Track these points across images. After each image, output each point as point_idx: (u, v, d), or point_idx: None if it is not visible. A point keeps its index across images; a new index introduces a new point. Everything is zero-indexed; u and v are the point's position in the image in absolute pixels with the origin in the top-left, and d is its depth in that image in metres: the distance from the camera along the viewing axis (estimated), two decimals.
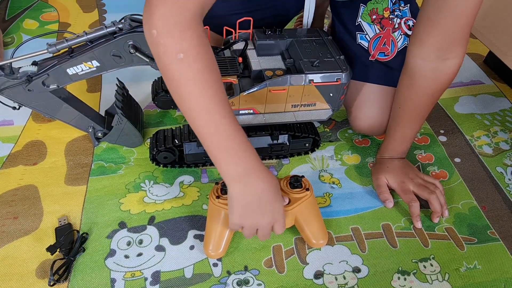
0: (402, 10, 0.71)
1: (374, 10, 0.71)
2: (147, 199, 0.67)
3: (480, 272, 0.59)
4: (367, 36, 0.72)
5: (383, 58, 0.71)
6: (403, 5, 0.71)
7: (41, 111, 0.67)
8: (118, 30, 0.60)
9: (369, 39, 0.71)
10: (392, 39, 0.71)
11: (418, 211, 0.64)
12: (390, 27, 0.71)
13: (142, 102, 0.84)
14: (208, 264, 0.58)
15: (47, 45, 0.60)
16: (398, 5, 0.71)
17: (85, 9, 1.19)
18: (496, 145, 0.79)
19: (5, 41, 1.03)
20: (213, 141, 0.48)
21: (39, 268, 0.57)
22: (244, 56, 0.67)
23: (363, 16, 0.72)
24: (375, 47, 0.71)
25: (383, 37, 0.71)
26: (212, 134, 0.47)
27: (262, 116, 0.66)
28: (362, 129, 0.76)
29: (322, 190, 0.69)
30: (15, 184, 0.68)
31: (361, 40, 0.72)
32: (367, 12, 0.71)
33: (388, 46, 0.71)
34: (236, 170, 0.49)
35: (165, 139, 0.69)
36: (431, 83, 0.61)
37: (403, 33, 0.71)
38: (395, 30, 0.71)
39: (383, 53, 0.71)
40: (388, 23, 0.71)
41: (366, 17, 0.72)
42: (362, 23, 0.72)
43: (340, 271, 0.58)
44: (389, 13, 0.70)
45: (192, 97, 0.45)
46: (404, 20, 0.71)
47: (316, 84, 0.63)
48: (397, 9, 0.71)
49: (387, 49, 0.71)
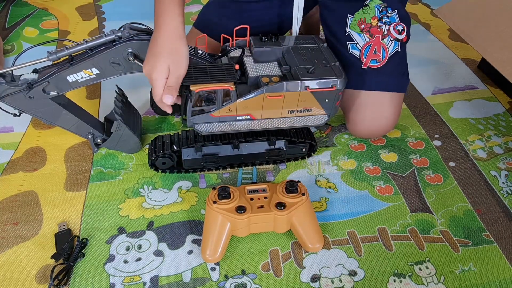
0: (390, 16, 0.73)
1: (362, 20, 0.73)
2: (145, 205, 0.67)
3: (475, 274, 0.59)
4: (358, 45, 0.73)
5: (375, 65, 0.73)
6: (391, 11, 0.73)
7: (41, 117, 0.68)
8: (118, 38, 0.61)
9: (360, 48, 0.73)
10: (382, 45, 0.73)
11: None
12: (379, 34, 0.73)
13: (140, 108, 0.85)
14: (206, 269, 0.59)
15: (48, 53, 0.61)
16: (385, 12, 0.73)
17: (85, 17, 1.21)
18: (490, 149, 0.80)
19: (6, 49, 1.04)
20: None
21: (39, 273, 0.58)
22: (241, 63, 0.68)
23: (351, 26, 0.74)
24: (367, 55, 0.73)
25: (373, 45, 0.73)
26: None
27: (259, 122, 0.67)
28: (359, 133, 0.78)
29: (318, 195, 0.70)
30: (15, 190, 0.69)
31: (353, 49, 0.74)
32: (355, 22, 0.73)
33: (379, 53, 0.73)
34: (164, 19, 0.59)
35: (164, 145, 0.70)
36: None
37: (393, 38, 0.73)
38: (384, 37, 0.73)
39: (375, 60, 0.73)
40: (376, 31, 0.73)
41: (355, 27, 0.74)
42: (352, 33, 0.74)
43: (337, 275, 0.59)
44: (377, 21, 0.73)
45: None
46: (393, 26, 0.73)
47: (312, 90, 0.64)
48: (384, 16, 0.73)
49: (378, 56, 0.73)
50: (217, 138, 0.69)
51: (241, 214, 0.58)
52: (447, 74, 1.01)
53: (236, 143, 0.70)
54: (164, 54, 0.58)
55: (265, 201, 0.61)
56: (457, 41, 1.13)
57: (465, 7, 0.90)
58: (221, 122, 0.66)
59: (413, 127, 0.85)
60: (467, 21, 0.87)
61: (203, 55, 0.67)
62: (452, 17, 0.90)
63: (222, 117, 0.65)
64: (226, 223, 0.59)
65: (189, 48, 0.65)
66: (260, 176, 0.73)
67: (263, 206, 0.60)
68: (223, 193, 0.60)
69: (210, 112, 0.64)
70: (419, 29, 1.19)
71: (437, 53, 1.09)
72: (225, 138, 0.69)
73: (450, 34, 1.16)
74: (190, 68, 0.63)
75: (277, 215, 0.60)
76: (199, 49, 0.67)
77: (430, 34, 1.17)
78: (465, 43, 1.09)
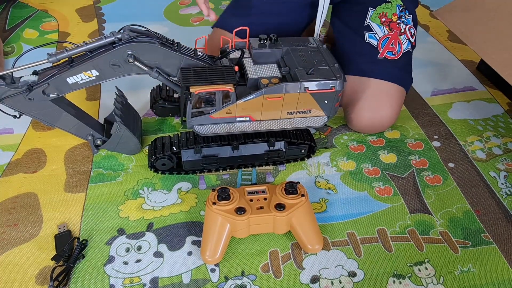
0: (407, 18, 0.79)
1: (383, 14, 0.78)
2: (145, 206, 0.68)
3: (474, 275, 0.59)
4: (377, 36, 0.77)
5: (391, 57, 0.77)
6: (408, 14, 0.79)
7: (41, 119, 0.68)
8: (117, 40, 0.61)
9: (378, 38, 0.77)
10: (398, 41, 0.77)
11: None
12: (397, 30, 0.77)
13: (140, 110, 0.85)
14: (205, 270, 0.59)
15: (48, 55, 0.61)
16: (404, 13, 0.79)
17: (85, 19, 1.21)
18: (489, 150, 0.80)
19: (6, 51, 1.05)
20: None
21: (38, 274, 0.58)
22: (241, 65, 0.69)
23: (372, 18, 0.78)
24: (384, 46, 0.76)
25: (391, 38, 0.77)
26: None
27: (258, 123, 0.67)
28: (360, 123, 0.79)
29: (318, 196, 0.70)
30: (15, 191, 0.69)
31: (370, 38, 0.78)
32: (376, 15, 0.78)
33: (395, 47, 0.77)
34: None
35: (163, 146, 0.70)
36: None
37: (407, 38, 0.78)
38: (401, 34, 0.77)
39: (391, 52, 0.77)
40: (396, 27, 0.77)
41: (375, 19, 0.78)
42: (371, 23, 0.78)
43: (336, 276, 0.59)
44: (397, 18, 0.78)
45: None
46: (409, 27, 0.79)
47: (311, 91, 0.65)
48: (403, 16, 0.79)
49: (394, 49, 0.77)
50: (217, 139, 0.69)
51: (240, 215, 0.59)
52: (446, 75, 1.02)
53: (236, 145, 0.70)
54: None
55: (264, 202, 0.61)
56: (456, 42, 1.13)
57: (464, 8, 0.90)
58: (221, 123, 0.66)
59: (412, 128, 0.85)
60: (466, 23, 0.87)
61: (203, 56, 0.67)
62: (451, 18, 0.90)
63: (222, 118, 0.65)
64: (226, 224, 0.59)
65: (189, 50, 0.65)
66: (259, 177, 0.74)
67: (262, 207, 0.60)
68: (222, 194, 0.60)
69: (209, 113, 0.64)
70: (418, 31, 1.19)
71: (436, 55, 1.09)
72: (224, 139, 0.69)
73: (449, 36, 1.17)
74: (190, 70, 0.63)
75: (276, 216, 0.60)
76: (198, 50, 0.67)
77: (429, 35, 1.18)
78: (464, 45, 1.09)
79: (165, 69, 0.65)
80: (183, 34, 1.14)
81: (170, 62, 0.64)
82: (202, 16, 1.23)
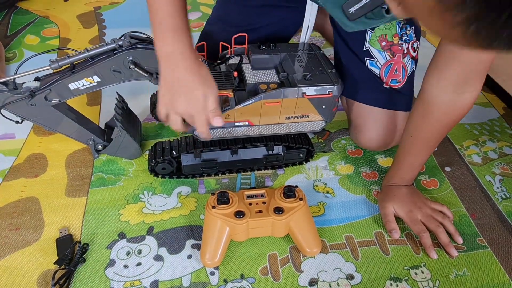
0: (409, 33, 0.71)
1: (383, 37, 0.70)
2: (145, 210, 0.68)
3: (469, 278, 0.60)
4: (378, 63, 0.71)
5: (396, 85, 0.72)
6: (409, 28, 0.71)
7: (42, 124, 0.69)
8: (118, 47, 0.62)
9: (380, 66, 0.71)
10: (402, 65, 0.71)
11: (430, 242, 0.62)
12: (400, 53, 0.71)
13: (141, 115, 0.86)
14: (205, 273, 0.60)
15: (50, 62, 0.62)
16: (405, 29, 0.71)
17: (85, 25, 1.22)
18: (485, 154, 0.81)
19: (7, 56, 1.06)
20: (156, 16, 0.53)
21: (40, 278, 0.58)
22: (240, 70, 0.70)
23: (371, 42, 0.71)
24: (387, 74, 0.71)
25: (394, 64, 0.71)
26: (158, 10, 0.53)
27: (257, 128, 0.68)
28: (366, 146, 0.78)
29: (316, 200, 0.71)
30: (16, 196, 0.70)
31: (371, 66, 0.72)
32: (375, 38, 0.70)
33: (399, 73, 0.71)
34: (166, 49, 0.54)
35: (163, 151, 0.71)
36: (445, 115, 0.60)
37: (411, 58, 0.72)
38: (404, 56, 0.71)
39: (395, 80, 0.72)
40: (398, 49, 0.70)
41: (375, 43, 0.71)
42: (371, 49, 0.71)
43: (334, 279, 0.60)
44: (398, 39, 0.70)
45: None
46: (411, 44, 0.71)
47: (309, 96, 0.66)
48: (404, 34, 0.71)
49: (398, 75, 0.72)
50: (216, 144, 0.70)
51: (239, 219, 0.59)
52: None
53: (235, 149, 0.71)
54: (196, 86, 0.55)
55: (263, 206, 0.62)
56: None
57: None
58: (220, 128, 0.67)
59: None
60: None
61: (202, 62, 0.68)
62: None
63: None
64: (225, 227, 0.60)
65: None
66: (258, 181, 0.74)
67: (261, 211, 0.61)
68: (222, 198, 0.61)
69: None
70: None
71: None
72: (224, 144, 0.70)
73: None
74: None
75: (275, 219, 0.60)
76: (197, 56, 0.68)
77: (425, 40, 1.19)
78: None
79: None
80: None
81: None
82: (201, 22, 1.24)
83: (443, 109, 0.59)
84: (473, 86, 0.57)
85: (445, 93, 0.58)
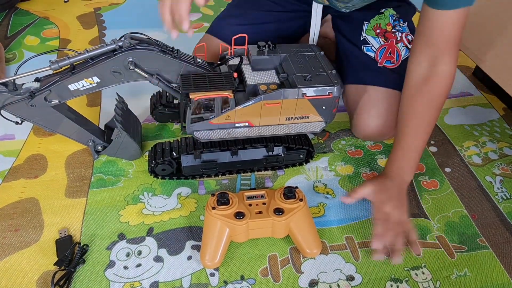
0: (402, 26, 0.79)
1: (377, 25, 0.78)
2: (145, 211, 0.68)
3: (470, 279, 0.60)
4: (373, 48, 0.78)
5: (390, 65, 0.78)
6: (402, 22, 0.79)
7: (42, 125, 0.69)
8: (118, 48, 0.62)
9: (375, 50, 0.78)
10: (396, 49, 0.77)
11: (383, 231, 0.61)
12: (393, 39, 0.78)
13: (140, 116, 0.86)
14: (205, 274, 0.60)
15: (50, 62, 0.62)
16: (398, 22, 0.79)
17: (85, 26, 1.22)
18: (485, 155, 0.81)
19: (7, 57, 1.06)
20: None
21: (40, 279, 0.58)
22: (240, 71, 0.70)
23: (367, 31, 0.79)
24: (382, 56, 0.77)
25: (388, 48, 0.78)
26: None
27: (257, 129, 0.68)
28: (367, 131, 0.78)
29: (316, 200, 0.71)
30: (16, 197, 0.70)
31: (368, 51, 0.79)
32: (371, 28, 0.79)
33: (393, 55, 0.77)
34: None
35: (163, 152, 0.71)
36: (427, 88, 0.65)
37: (405, 45, 0.78)
38: (398, 42, 0.78)
39: (389, 61, 0.77)
40: (391, 36, 0.78)
41: (370, 32, 0.79)
42: (367, 37, 0.79)
43: (334, 280, 0.59)
44: (391, 28, 0.78)
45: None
46: (405, 35, 0.79)
47: (309, 97, 0.66)
48: (397, 25, 0.79)
49: (392, 57, 0.77)
50: (216, 145, 0.70)
51: (239, 220, 0.59)
52: None
53: (235, 150, 0.71)
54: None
55: (263, 207, 0.62)
56: None
57: None
58: (220, 129, 0.67)
59: None
60: None
61: (202, 63, 0.68)
62: None
63: (221, 124, 0.66)
64: (225, 228, 0.60)
65: (188, 57, 0.66)
66: (258, 182, 0.74)
67: (261, 212, 0.61)
68: (222, 199, 0.61)
69: (209, 119, 0.65)
70: None
71: None
72: (224, 145, 0.70)
73: None
74: (189, 76, 0.64)
75: (275, 220, 0.60)
76: (198, 57, 0.68)
77: None
78: (459, 51, 1.10)
79: (165, 75, 0.66)
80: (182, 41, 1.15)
81: (170, 69, 0.65)
82: (201, 23, 1.24)
83: (421, 82, 0.65)
84: (447, 57, 0.63)
85: (421, 67, 0.65)
